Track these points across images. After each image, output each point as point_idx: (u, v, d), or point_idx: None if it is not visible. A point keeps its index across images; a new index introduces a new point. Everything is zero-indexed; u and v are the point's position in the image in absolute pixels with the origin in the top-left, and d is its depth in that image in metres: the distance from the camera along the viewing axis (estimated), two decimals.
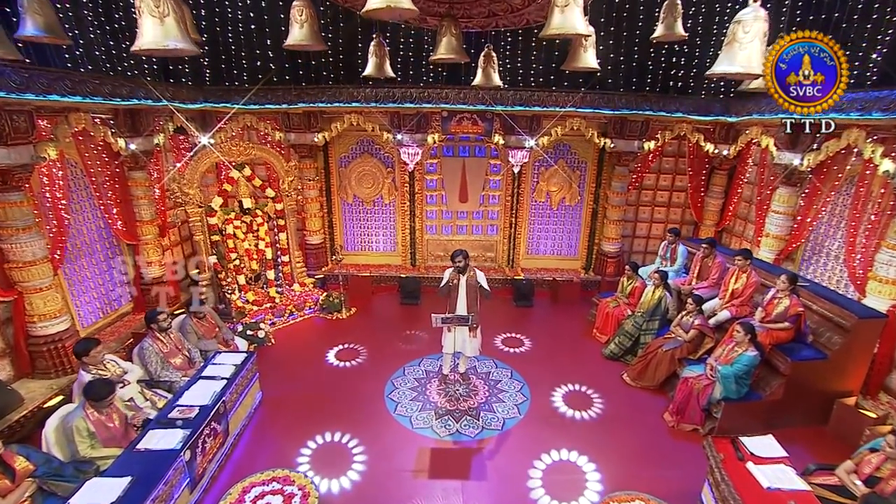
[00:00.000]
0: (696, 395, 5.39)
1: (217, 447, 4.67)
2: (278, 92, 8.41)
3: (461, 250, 5.59)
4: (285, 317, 8.01)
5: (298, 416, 5.60)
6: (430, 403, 5.85)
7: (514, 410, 5.74)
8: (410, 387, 6.16)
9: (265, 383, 6.06)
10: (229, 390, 5.02)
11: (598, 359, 7.01)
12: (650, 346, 6.41)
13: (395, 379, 6.32)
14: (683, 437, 5.38)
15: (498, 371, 6.56)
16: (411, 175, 9.34)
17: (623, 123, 8.44)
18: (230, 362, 5.42)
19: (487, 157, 9.34)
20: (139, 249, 7.32)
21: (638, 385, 6.31)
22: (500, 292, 9.24)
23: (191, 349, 5.55)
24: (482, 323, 5.86)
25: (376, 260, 9.95)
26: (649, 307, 6.83)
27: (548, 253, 9.92)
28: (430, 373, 6.49)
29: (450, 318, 5.34)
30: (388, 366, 6.62)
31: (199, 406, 4.59)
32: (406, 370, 6.54)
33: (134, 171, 7.04)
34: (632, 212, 9.74)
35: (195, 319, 5.89)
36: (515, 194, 9.44)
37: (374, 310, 8.66)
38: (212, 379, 5.08)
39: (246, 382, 5.46)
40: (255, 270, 8.20)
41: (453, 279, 5.56)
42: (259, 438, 5.24)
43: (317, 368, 6.64)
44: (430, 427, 5.42)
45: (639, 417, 5.69)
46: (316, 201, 9.36)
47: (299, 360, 6.86)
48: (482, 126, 8.56)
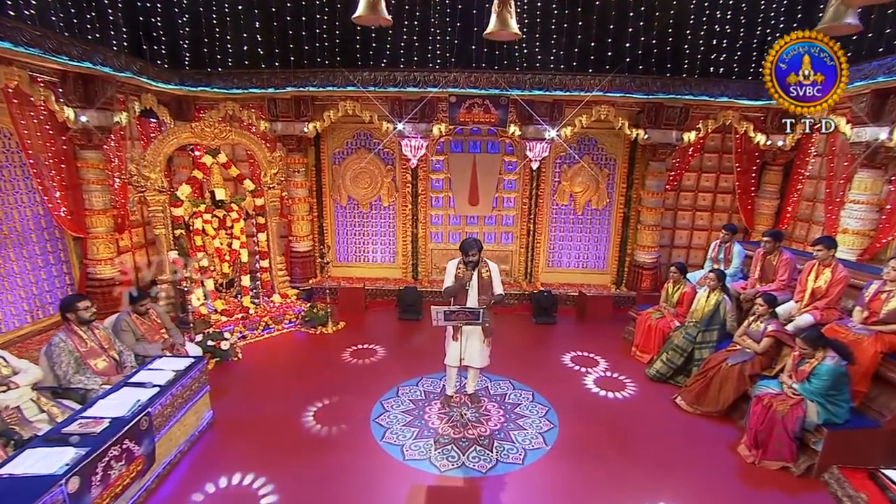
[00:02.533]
0: (781, 421, 4.16)
1: (133, 477, 3.52)
2: (264, 75, 7.72)
3: (475, 240, 4.61)
4: (259, 330, 6.94)
5: (259, 442, 4.47)
6: (428, 430, 4.67)
7: (538, 440, 4.54)
8: (404, 409, 5.01)
9: (221, 402, 4.99)
10: (161, 401, 3.92)
11: (640, 381, 5.81)
12: (710, 362, 5.21)
13: (385, 400, 5.18)
14: (770, 479, 4.11)
15: (516, 393, 5.39)
16: (414, 173, 8.48)
17: (658, 111, 7.54)
18: (170, 367, 4.34)
19: (501, 153, 8.47)
20: (87, 244, 6.36)
21: (697, 411, 5.08)
22: (517, 309, 8.20)
23: (122, 352, 4.49)
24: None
25: (372, 272, 8.95)
26: (704, 315, 5.67)
27: (572, 266, 8.85)
28: (430, 394, 5.34)
29: (455, 313, 4.24)
30: (377, 384, 5.49)
31: (109, 418, 3.49)
32: (400, 391, 5.39)
33: (86, 150, 6.19)
34: (669, 217, 8.70)
35: (134, 316, 4.84)
36: (534, 196, 8.50)
37: (367, 325, 7.58)
38: (140, 386, 3.98)
39: (189, 395, 4.35)
40: (226, 275, 7.19)
41: (464, 277, 4.51)
42: (201, 469, 4.08)
43: (288, 386, 5.51)
44: (428, 458, 4.23)
45: (703, 452, 4.45)
46: (304, 202, 8.49)
47: (268, 377, 5.75)
48: (495, 114, 7.72)
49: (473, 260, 4.53)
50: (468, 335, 4.66)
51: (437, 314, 4.26)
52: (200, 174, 6.83)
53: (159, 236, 6.48)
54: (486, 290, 4.63)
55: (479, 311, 4.25)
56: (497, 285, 4.67)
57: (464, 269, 4.56)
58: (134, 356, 4.57)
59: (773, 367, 4.91)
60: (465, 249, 4.53)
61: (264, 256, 7.59)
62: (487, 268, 4.66)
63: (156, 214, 6.41)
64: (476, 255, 4.53)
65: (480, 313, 4.26)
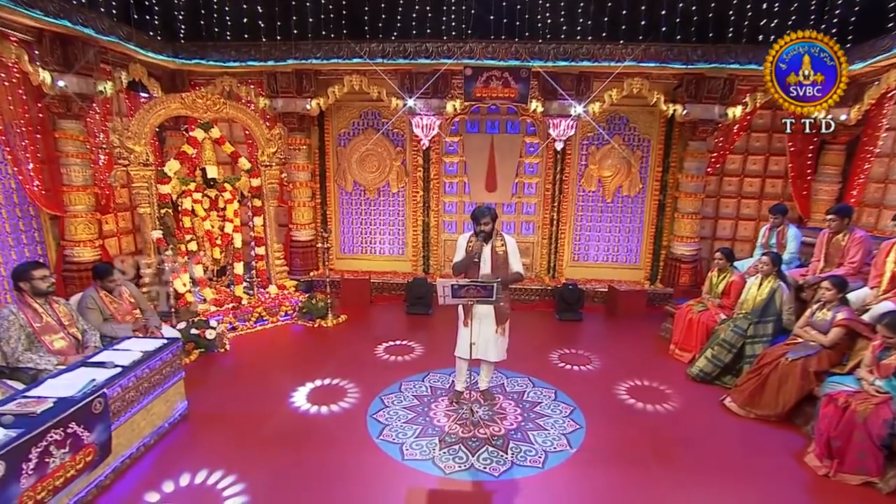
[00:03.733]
0: (863, 425, 3.59)
1: (80, 468, 3.13)
2: (263, 47, 7.46)
3: (489, 207, 4.23)
4: (251, 322, 6.59)
5: (237, 436, 4.08)
6: (433, 427, 4.21)
7: (561, 442, 4.04)
8: (407, 405, 4.57)
9: (200, 393, 4.65)
10: (122, 383, 3.54)
11: (681, 381, 5.26)
12: (764, 358, 4.65)
13: (385, 395, 4.75)
14: (850, 496, 3.53)
15: (536, 391, 4.90)
16: (426, 156, 8.10)
17: (699, 83, 7.04)
18: (138, 348, 3.98)
19: (522, 133, 8.05)
20: (64, 224, 6.09)
21: (751, 414, 4.52)
22: (538, 305, 7.72)
23: (87, 330, 4.14)
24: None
25: (380, 265, 8.56)
26: (756, 305, 5.10)
27: (600, 259, 8.34)
28: (437, 390, 4.90)
29: (465, 288, 3.80)
30: (377, 379, 5.06)
31: (55, 398, 3.11)
32: (403, 385, 4.96)
33: (64, 119, 5.93)
34: (711, 206, 8.12)
35: (102, 294, 4.50)
36: (558, 182, 8.05)
37: (371, 319, 7.20)
38: (99, 366, 3.61)
39: (159, 380, 3.97)
40: (217, 261, 6.87)
41: (474, 249, 4.11)
42: (167, 466, 3.67)
43: (276, 379, 5.12)
44: (431, 459, 3.76)
45: (762, 462, 3.89)
46: (306, 187, 8.17)
47: (255, 370, 5.37)
48: (515, 88, 7.28)
49: (486, 230, 4.14)
50: (481, 320, 4.25)
51: (443, 289, 3.82)
52: (191, 149, 6.53)
53: (143, 215, 6.17)
54: (501, 267, 4.23)
55: (492, 284, 3.80)
56: (515, 262, 4.26)
57: (475, 241, 4.15)
58: (100, 337, 4.21)
59: (844, 363, 4.32)
60: (477, 217, 4.15)
61: (260, 243, 7.24)
62: (503, 241, 4.26)
63: (140, 192, 6.10)
64: (489, 224, 4.15)
65: (494, 288, 3.81)
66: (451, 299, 3.91)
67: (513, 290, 7.55)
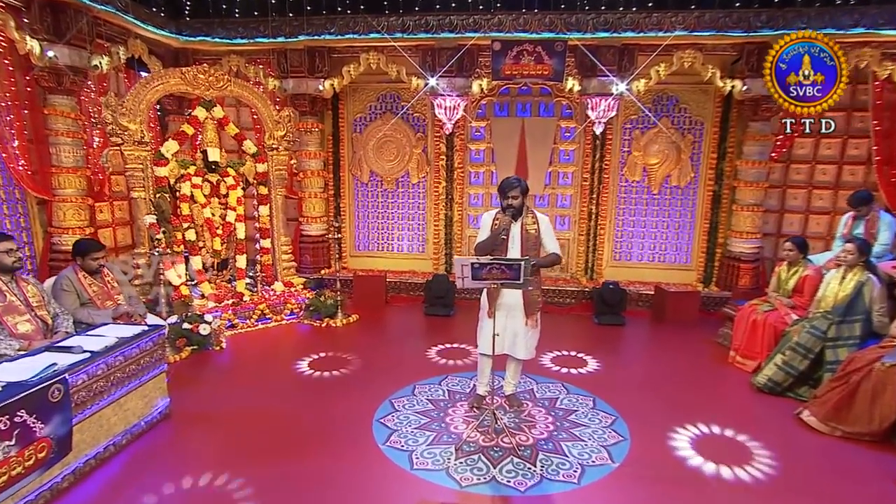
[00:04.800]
0: None
1: (30, 466, 2.83)
2: (273, 23, 7.29)
3: (517, 179, 3.93)
4: (252, 319, 6.32)
5: (223, 440, 3.76)
6: (449, 435, 3.82)
7: (601, 455, 3.59)
8: (420, 410, 4.19)
9: (186, 392, 4.40)
10: (89, 370, 3.26)
11: (744, 391, 4.75)
12: (852, 363, 4.09)
13: (396, 398, 4.38)
14: None
15: (571, 398, 4.47)
16: (449, 143, 7.83)
17: (762, 54, 6.46)
18: (114, 334, 3.71)
19: (557, 116, 7.69)
20: (52, 209, 5.95)
21: (836, 431, 3.97)
22: (574, 308, 7.30)
23: (58, 315, 3.90)
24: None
25: (398, 264, 8.26)
26: (839, 302, 4.56)
27: (645, 259, 7.85)
28: (455, 394, 4.51)
29: (488, 267, 3.43)
30: (388, 381, 4.72)
31: (4, 383, 2.83)
32: (417, 389, 4.59)
33: (55, 94, 5.81)
34: (775, 197, 7.52)
35: (82, 275, 4.27)
36: (597, 171, 7.64)
37: (385, 319, 6.91)
38: (65, 351, 3.35)
39: (135, 371, 3.68)
40: (218, 253, 6.64)
41: (501, 226, 3.79)
42: (139, 469, 3.37)
43: (276, 379, 4.84)
44: (445, 469, 3.35)
45: (856, 490, 3.35)
46: (318, 177, 7.96)
47: (252, 369, 5.10)
48: (549, 65, 6.91)
49: (515, 205, 3.79)
50: (507, 311, 3.91)
51: (462, 268, 3.48)
52: (191, 129, 6.36)
53: (137, 200, 6.01)
54: (533, 249, 3.91)
55: (519, 263, 3.42)
56: (550, 242, 3.95)
57: (502, 217, 3.80)
58: (73, 322, 3.96)
59: None
60: (504, 189, 3.85)
61: (266, 235, 7.04)
62: (535, 219, 3.92)
63: (134, 174, 5.94)
64: (518, 197, 3.82)
65: (521, 268, 3.42)
66: (472, 282, 3.56)
67: (545, 291, 7.25)
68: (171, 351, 5.20)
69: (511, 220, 3.84)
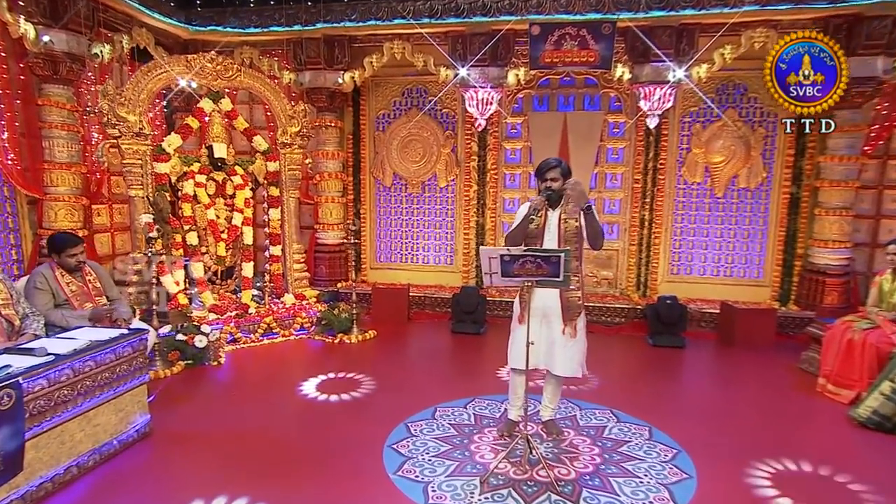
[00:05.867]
0: None
1: None
2: (289, 10, 7.26)
3: (559, 159, 3.67)
4: (257, 334, 6.09)
5: (208, 465, 3.48)
6: (474, 465, 3.44)
7: (660, 495, 3.14)
8: (440, 435, 3.84)
9: (171, 410, 4.21)
10: (51, 375, 3.02)
11: (840, 426, 4.22)
12: None
13: (413, 422, 4.04)
14: None
15: (622, 427, 4.04)
16: (482, 141, 7.61)
17: (853, 28, 6.06)
18: (88, 337, 3.49)
19: (604, 110, 7.38)
20: (43, 208, 5.88)
21: None
22: (624, 328, 6.90)
23: (28, 315, 3.71)
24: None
25: (423, 277, 7.99)
26: None
27: (708, 273, 7.36)
28: (481, 419, 4.14)
29: (520, 261, 3.10)
30: (404, 403, 4.40)
31: None
32: (438, 412, 4.24)
33: (50, 84, 5.77)
34: (869, 200, 6.91)
35: (59, 273, 4.10)
36: (651, 171, 7.28)
37: (407, 337, 6.66)
38: (26, 353, 3.13)
39: (108, 379, 3.44)
40: (222, 259, 6.47)
41: (534, 207, 3.54)
42: (107, 497, 3.10)
43: (276, 399, 4.57)
44: None
45: None
46: (336, 179, 7.81)
47: (252, 388, 4.87)
48: (595, 50, 6.61)
49: (555, 188, 3.47)
50: (543, 317, 3.56)
51: (489, 260, 3.16)
52: (195, 122, 6.27)
53: (135, 199, 5.90)
54: (573, 244, 3.55)
55: (558, 256, 3.07)
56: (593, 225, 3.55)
57: (539, 201, 3.47)
58: (44, 325, 3.77)
59: None
60: (542, 171, 3.59)
61: (276, 241, 6.89)
62: (576, 205, 3.54)
63: (132, 170, 5.85)
64: (559, 180, 3.53)
65: (561, 261, 3.07)
66: (501, 279, 3.23)
67: (590, 308, 6.84)
68: (162, 365, 5.00)
69: (546, 203, 3.50)
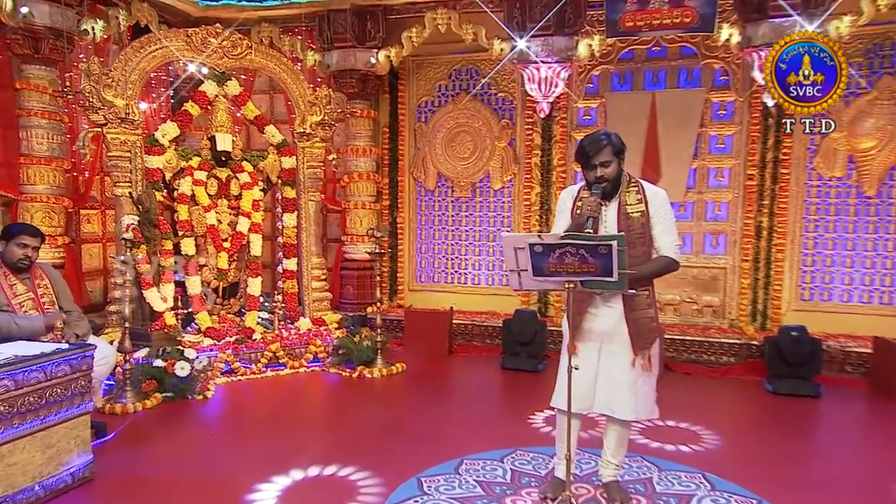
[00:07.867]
0: None
1: None
2: None
3: (605, 133, 3.22)
4: (260, 364, 5.90)
5: None
6: None
7: None
8: (461, 495, 3.44)
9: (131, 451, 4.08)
10: None
11: None
12: None
13: (428, 477, 3.67)
14: None
15: (717, 498, 3.49)
16: (546, 131, 7.38)
17: None
18: (13, 352, 3.29)
19: (706, 87, 7.00)
20: (17, 209, 5.99)
21: None
22: (734, 369, 6.43)
23: None
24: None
25: (472, 301, 7.82)
26: None
27: (855, 300, 6.70)
28: (520, 475, 3.71)
29: (558, 252, 2.68)
30: (420, 452, 4.08)
31: None
32: (465, 464, 3.84)
33: (30, 64, 5.93)
34: None
35: (2, 271, 3.99)
36: (770, 164, 6.74)
37: (444, 373, 6.48)
38: None
39: (35, 405, 3.19)
40: (224, 273, 6.34)
41: (586, 209, 3.11)
42: None
43: (264, 445, 4.34)
44: None
45: None
46: (368, 181, 7.81)
47: (238, 430, 4.72)
48: (692, 8, 6.29)
49: (607, 176, 3.10)
50: (600, 341, 3.15)
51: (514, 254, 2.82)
52: (196, 109, 6.27)
53: (120, 198, 5.88)
54: (637, 243, 3.12)
55: (608, 245, 2.62)
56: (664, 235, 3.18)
57: (594, 203, 3.03)
58: None
59: None
60: (587, 152, 3.12)
61: (291, 253, 6.81)
62: (641, 195, 3.20)
63: (118, 164, 5.87)
64: (611, 163, 3.11)
65: (613, 251, 2.60)
66: (533, 281, 2.80)
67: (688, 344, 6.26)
68: (133, 397, 4.81)
69: (600, 200, 3.05)
